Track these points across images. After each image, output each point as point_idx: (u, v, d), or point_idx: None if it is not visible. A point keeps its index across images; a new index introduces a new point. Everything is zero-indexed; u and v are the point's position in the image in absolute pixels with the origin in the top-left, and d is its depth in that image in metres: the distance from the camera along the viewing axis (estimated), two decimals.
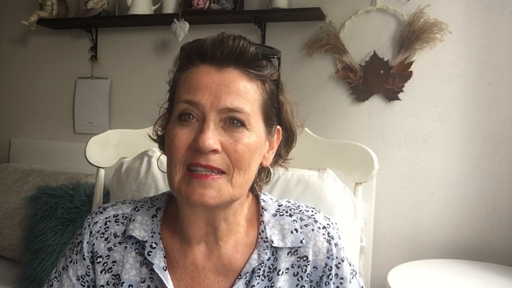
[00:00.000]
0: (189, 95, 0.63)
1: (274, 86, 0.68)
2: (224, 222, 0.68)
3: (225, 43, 0.63)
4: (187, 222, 0.69)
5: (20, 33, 2.45)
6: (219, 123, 0.62)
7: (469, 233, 1.73)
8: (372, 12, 1.84)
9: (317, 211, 0.75)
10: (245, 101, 0.63)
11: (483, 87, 1.71)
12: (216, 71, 0.63)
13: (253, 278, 0.68)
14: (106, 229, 0.72)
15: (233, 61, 0.63)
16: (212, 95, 0.62)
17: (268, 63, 0.67)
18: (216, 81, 0.62)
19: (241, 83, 0.63)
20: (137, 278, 0.70)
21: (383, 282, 1.60)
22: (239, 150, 0.62)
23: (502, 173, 1.69)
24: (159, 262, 0.68)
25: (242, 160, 0.62)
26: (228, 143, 0.62)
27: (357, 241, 1.04)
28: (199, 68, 0.64)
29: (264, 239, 0.69)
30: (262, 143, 0.67)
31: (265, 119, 0.67)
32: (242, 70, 0.64)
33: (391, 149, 1.82)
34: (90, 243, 0.72)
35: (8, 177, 2.01)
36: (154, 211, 0.73)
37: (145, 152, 1.07)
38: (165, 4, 2.06)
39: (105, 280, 0.71)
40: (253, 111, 0.64)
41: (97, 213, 0.74)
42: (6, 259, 1.91)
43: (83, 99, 2.33)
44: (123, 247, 0.71)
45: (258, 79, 0.65)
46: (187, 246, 0.70)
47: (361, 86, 1.84)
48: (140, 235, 0.70)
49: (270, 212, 0.72)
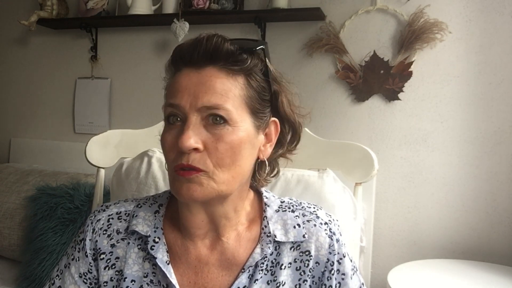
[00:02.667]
0: (171, 99, 0.65)
1: (263, 78, 0.68)
2: (225, 218, 0.69)
3: (200, 44, 0.65)
4: (188, 220, 0.70)
5: (20, 33, 2.46)
6: (201, 122, 0.63)
7: (469, 233, 1.73)
8: (372, 12, 1.84)
9: (319, 208, 0.76)
10: (224, 97, 0.63)
11: (483, 87, 1.71)
12: (195, 72, 0.65)
13: (256, 272, 0.69)
14: (108, 226, 0.73)
15: (209, 60, 0.65)
16: (190, 95, 0.63)
17: (250, 56, 0.67)
18: (194, 81, 0.64)
19: (218, 80, 0.64)
20: (140, 273, 0.71)
21: (383, 282, 1.60)
22: (220, 148, 0.63)
23: (502, 173, 1.69)
24: (162, 256, 0.69)
25: (223, 158, 0.63)
26: (209, 141, 0.63)
27: (357, 241, 1.04)
28: (181, 72, 0.66)
29: (267, 234, 0.70)
30: (252, 137, 0.67)
31: (252, 113, 0.67)
32: (220, 67, 0.65)
33: (391, 149, 1.82)
34: (93, 240, 0.73)
35: (8, 177, 2.01)
36: (157, 207, 0.74)
37: (145, 152, 1.07)
38: (165, 4, 2.06)
39: (109, 276, 0.72)
40: (235, 106, 0.64)
41: (99, 211, 0.75)
42: (6, 259, 1.91)
43: (83, 99, 2.33)
44: (125, 243, 0.72)
45: (241, 73, 0.66)
46: (190, 242, 0.71)
47: (361, 86, 1.84)
48: (143, 230, 0.71)
49: (273, 208, 0.74)
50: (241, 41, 0.67)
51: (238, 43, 0.66)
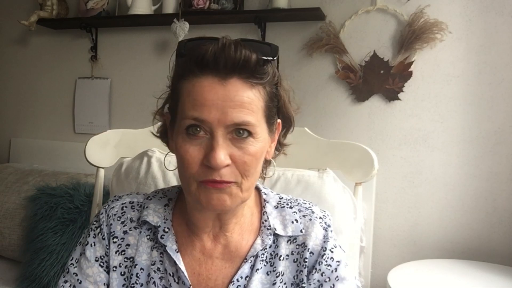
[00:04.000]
0: (195, 112, 0.62)
1: (274, 86, 0.69)
2: (232, 216, 0.72)
3: (227, 53, 0.62)
4: (197, 219, 0.73)
5: (20, 33, 2.45)
6: (226, 135, 0.63)
7: (469, 233, 1.73)
8: (372, 12, 1.84)
9: (314, 205, 0.80)
10: (250, 112, 0.63)
11: (483, 87, 1.71)
12: (219, 84, 0.62)
13: (257, 262, 0.72)
14: (123, 214, 0.75)
15: (236, 72, 0.63)
16: (218, 111, 0.62)
17: (268, 65, 0.67)
18: (221, 96, 0.62)
19: (245, 94, 0.63)
20: (148, 262, 0.73)
21: (383, 282, 1.60)
22: (247, 161, 0.64)
23: (502, 173, 1.69)
24: (172, 245, 0.72)
25: (249, 169, 0.65)
26: (237, 155, 0.64)
27: (357, 241, 1.04)
28: (201, 79, 0.63)
29: (267, 227, 0.74)
30: (267, 143, 0.69)
31: (267, 121, 0.68)
32: (245, 80, 0.63)
33: (391, 149, 1.82)
34: (108, 224, 0.75)
35: (8, 177, 2.01)
36: (166, 201, 0.77)
37: (144, 152, 1.07)
38: (165, 4, 2.06)
39: (118, 261, 0.74)
40: (258, 119, 0.65)
41: (113, 201, 0.78)
42: (6, 259, 1.91)
43: (83, 99, 2.33)
44: (138, 232, 0.74)
45: (260, 85, 0.66)
46: (195, 236, 0.74)
47: (361, 86, 1.84)
48: (154, 220, 0.74)
49: (272, 204, 0.77)
50: (258, 45, 0.65)
51: (257, 47, 0.65)
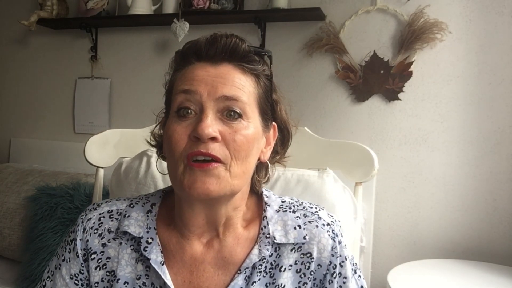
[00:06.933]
0: (186, 85, 0.65)
1: (268, 82, 0.71)
2: (225, 217, 0.69)
3: (219, 41, 0.66)
4: (188, 219, 0.69)
5: (20, 33, 2.45)
6: (216, 113, 0.64)
7: (469, 233, 1.73)
8: (372, 12, 1.84)
9: (321, 208, 0.75)
10: (241, 91, 0.65)
11: (483, 87, 1.71)
12: (211, 66, 0.66)
13: (254, 273, 0.68)
14: (100, 225, 0.72)
15: (227, 57, 0.66)
16: (208, 85, 0.64)
17: (260, 59, 0.70)
18: (212, 74, 0.65)
19: (236, 76, 0.66)
20: (133, 275, 0.69)
21: (383, 282, 1.60)
22: (237, 139, 0.63)
23: (502, 173, 1.69)
24: (156, 257, 0.68)
25: (240, 150, 0.63)
26: (227, 132, 0.63)
27: (357, 241, 1.04)
28: (195, 65, 0.67)
29: (266, 235, 0.69)
30: (260, 135, 0.69)
31: (261, 112, 0.69)
32: (236, 65, 0.67)
33: (391, 149, 1.82)
34: (84, 240, 0.71)
35: (8, 177, 2.01)
36: (149, 206, 0.73)
37: (144, 152, 1.07)
38: (165, 4, 2.06)
39: (100, 276, 0.70)
40: (249, 101, 0.66)
41: (91, 210, 0.74)
42: (6, 259, 1.91)
43: (83, 99, 2.33)
44: (117, 243, 0.71)
45: (252, 73, 0.68)
46: (185, 240, 0.70)
47: (361, 86, 1.84)
48: (136, 231, 0.70)
49: (274, 208, 0.73)
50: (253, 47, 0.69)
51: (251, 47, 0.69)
